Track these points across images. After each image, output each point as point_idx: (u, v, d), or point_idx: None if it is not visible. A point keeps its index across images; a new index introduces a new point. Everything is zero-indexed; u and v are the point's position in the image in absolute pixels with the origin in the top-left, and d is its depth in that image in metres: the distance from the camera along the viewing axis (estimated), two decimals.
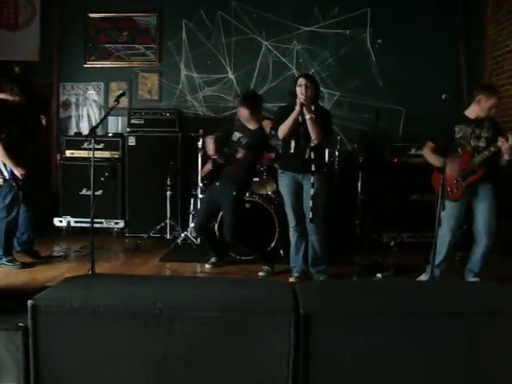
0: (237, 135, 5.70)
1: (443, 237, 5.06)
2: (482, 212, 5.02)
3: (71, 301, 2.32)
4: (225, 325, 2.27)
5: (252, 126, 5.68)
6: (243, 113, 5.63)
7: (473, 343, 2.29)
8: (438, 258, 5.08)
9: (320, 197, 5.10)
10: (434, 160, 5.13)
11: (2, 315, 3.12)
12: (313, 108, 5.02)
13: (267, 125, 6.85)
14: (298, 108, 4.95)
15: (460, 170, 4.96)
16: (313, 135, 4.97)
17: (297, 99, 4.99)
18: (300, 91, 4.98)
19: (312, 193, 4.91)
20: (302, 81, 5.05)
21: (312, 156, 4.97)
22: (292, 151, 5.10)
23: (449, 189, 5.01)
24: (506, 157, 4.80)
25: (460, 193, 5.00)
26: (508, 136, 4.72)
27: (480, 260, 5.10)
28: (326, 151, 6.35)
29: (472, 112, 5.06)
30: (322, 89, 7.36)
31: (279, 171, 5.38)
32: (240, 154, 5.57)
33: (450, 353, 2.31)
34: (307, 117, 4.94)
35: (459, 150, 5.00)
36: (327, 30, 7.98)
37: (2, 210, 5.63)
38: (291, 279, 5.28)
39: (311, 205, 4.92)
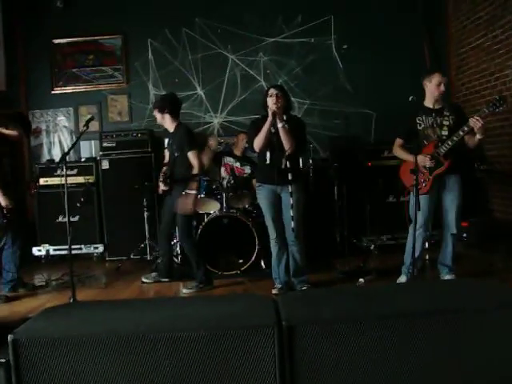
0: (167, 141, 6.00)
1: (412, 233, 5.07)
2: (449, 203, 5.04)
3: (52, 332, 2.28)
4: (209, 343, 2.25)
5: (170, 127, 5.80)
6: (157, 117, 5.83)
7: (454, 341, 2.31)
8: (409, 256, 5.10)
9: (299, 206, 5.12)
10: (404, 156, 5.17)
11: None
12: (285, 118, 5.04)
13: (243, 138, 6.90)
14: (270, 117, 4.97)
15: (430, 162, 4.94)
16: (286, 145, 4.98)
17: (268, 109, 5.01)
18: (271, 101, 5.00)
19: (291, 202, 4.92)
20: (272, 91, 5.07)
21: (288, 165, 4.98)
22: (268, 162, 5.11)
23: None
24: (478, 136, 4.73)
25: (428, 186, 4.99)
26: (479, 114, 4.66)
27: (450, 249, 5.10)
28: (300, 160, 6.37)
29: (428, 100, 5.09)
30: (291, 98, 7.41)
31: (257, 184, 5.38)
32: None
33: (434, 352, 2.32)
34: (279, 125, 4.96)
35: (425, 141, 5.03)
36: (292, 39, 8.05)
37: None
38: (274, 291, 5.27)
39: (292, 215, 4.94)
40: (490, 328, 2.33)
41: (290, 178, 4.94)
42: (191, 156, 5.56)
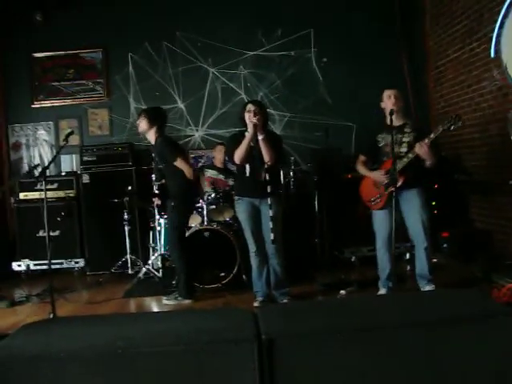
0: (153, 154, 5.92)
1: (380, 250, 5.15)
2: (412, 217, 5.08)
3: (31, 349, 2.27)
4: (188, 358, 2.25)
5: (152, 139, 5.77)
6: (141, 124, 5.74)
7: (433, 352, 2.32)
8: (385, 272, 5.15)
9: (278, 219, 5.14)
10: (364, 172, 5.25)
11: None
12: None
13: (221, 150, 6.90)
14: (251, 130, 4.99)
15: (383, 178, 5.04)
16: (266, 157, 5.01)
17: (249, 122, 5.02)
18: (249, 117, 5.03)
19: (271, 215, 4.93)
20: (250, 107, 5.10)
21: (267, 178, 5.00)
22: (248, 175, 5.13)
23: (372, 198, 5.10)
24: (427, 161, 4.88)
25: (383, 201, 5.06)
26: (425, 140, 4.77)
27: (425, 261, 5.11)
28: (281, 172, 6.40)
29: (388, 118, 5.13)
30: (272, 111, 7.48)
31: (236, 198, 5.40)
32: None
33: (414, 364, 2.33)
34: (260, 137, 4.98)
35: (384, 158, 5.10)
36: (272, 52, 8.10)
37: None
38: (255, 304, 5.27)
39: (271, 227, 4.95)
40: (472, 338, 2.34)
41: (269, 190, 4.96)
42: (178, 164, 5.55)
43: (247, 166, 5.13)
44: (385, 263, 5.14)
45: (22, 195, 7.42)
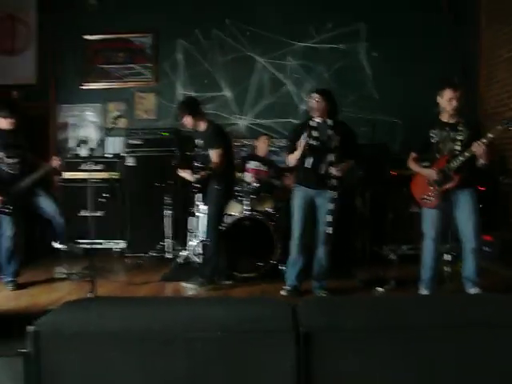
0: (197, 141, 5.92)
1: (427, 247, 5.06)
2: (463, 218, 4.97)
3: (71, 325, 2.30)
4: (225, 345, 2.25)
5: (201, 128, 5.76)
6: (187, 121, 5.72)
7: (469, 356, 2.28)
8: (429, 272, 5.07)
9: (335, 212, 5.17)
10: (417, 169, 5.16)
11: (2, 341, 3.11)
12: (330, 122, 5.05)
13: (264, 141, 6.88)
14: (300, 150, 5.07)
15: (437, 176, 4.94)
16: None
17: (298, 143, 5.07)
18: (312, 105, 5.05)
19: (330, 208, 4.96)
20: (314, 95, 5.11)
21: (329, 171, 5.02)
22: (309, 166, 5.12)
23: (425, 196, 5.01)
24: (481, 161, 4.75)
25: (436, 200, 4.97)
26: (483, 140, 4.65)
27: (473, 265, 5.01)
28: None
29: (443, 115, 5.04)
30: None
31: (294, 184, 5.43)
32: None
33: (460, 366, 2.30)
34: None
35: (437, 155, 5.00)
36: (322, 45, 8.04)
37: None
38: (282, 292, 5.34)
39: (329, 220, 4.97)
40: (503, 344, 2.30)
41: (329, 183, 5.06)
42: (213, 153, 5.60)
43: (310, 159, 5.12)
44: (430, 263, 5.06)
45: (66, 174, 7.50)
